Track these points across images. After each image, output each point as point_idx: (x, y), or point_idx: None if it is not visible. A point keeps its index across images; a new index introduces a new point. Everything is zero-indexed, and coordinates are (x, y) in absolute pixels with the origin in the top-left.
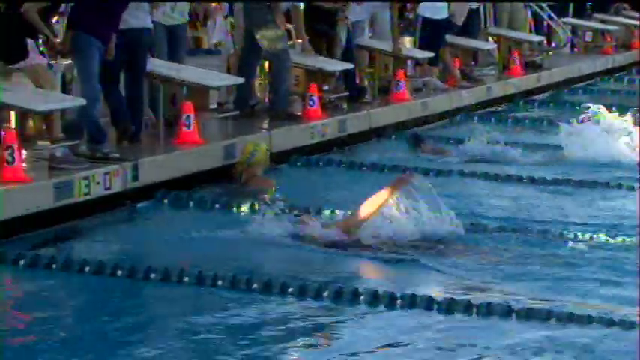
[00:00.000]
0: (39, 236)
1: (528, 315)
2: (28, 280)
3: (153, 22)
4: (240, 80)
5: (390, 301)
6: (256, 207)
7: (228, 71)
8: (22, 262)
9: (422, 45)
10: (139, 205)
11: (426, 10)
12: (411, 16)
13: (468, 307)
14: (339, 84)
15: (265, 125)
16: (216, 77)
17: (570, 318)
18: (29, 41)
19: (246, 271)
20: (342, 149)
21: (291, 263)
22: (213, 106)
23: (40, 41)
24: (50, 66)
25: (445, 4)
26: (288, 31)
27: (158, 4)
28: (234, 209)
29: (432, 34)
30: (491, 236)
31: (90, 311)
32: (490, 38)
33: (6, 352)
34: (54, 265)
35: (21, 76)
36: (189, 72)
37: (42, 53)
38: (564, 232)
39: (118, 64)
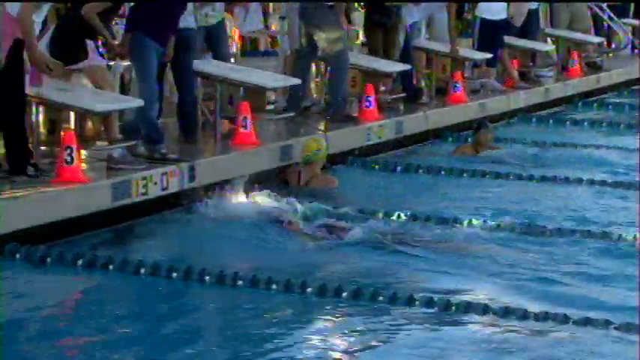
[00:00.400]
0: (97, 236)
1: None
2: (85, 281)
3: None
4: (297, 81)
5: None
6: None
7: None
8: (79, 263)
9: (480, 46)
10: (195, 205)
11: (485, 11)
12: (469, 17)
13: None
14: (396, 85)
15: (321, 126)
16: (272, 78)
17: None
18: (88, 42)
19: (300, 275)
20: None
21: (342, 266)
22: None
23: (99, 43)
24: (109, 67)
25: (504, 5)
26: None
27: (202, 3)
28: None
29: (490, 35)
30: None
31: (145, 312)
32: (549, 39)
33: (62, 352)
34: (110, 266)
35: (80, 77)
36: (246, 73)
37: (101, 54)
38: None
39: (159, 65)
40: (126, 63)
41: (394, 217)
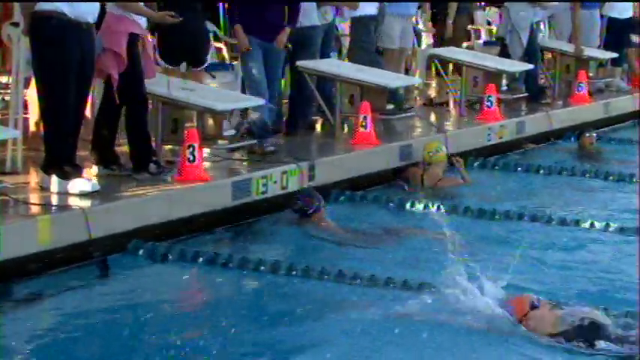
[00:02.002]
0: (218, 234)
1: None
2: (205, 278)
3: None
4: (417, 80)
5: None
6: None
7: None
8: (200, 260)
9: (606, 45)
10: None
11: (612, 10)
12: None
13: None
14: (519, 85)
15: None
16: (393, 78)
17: None
18: None
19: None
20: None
21: None
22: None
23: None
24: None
25: (631, 3)
26: None
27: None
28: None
29: (616, 34)
30: None
31: (265, 311)
32: None
33: (180, 347)
34: (230, 264)
35: (202, 76)
36: (367, 72)
37: None
38: None
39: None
40: None
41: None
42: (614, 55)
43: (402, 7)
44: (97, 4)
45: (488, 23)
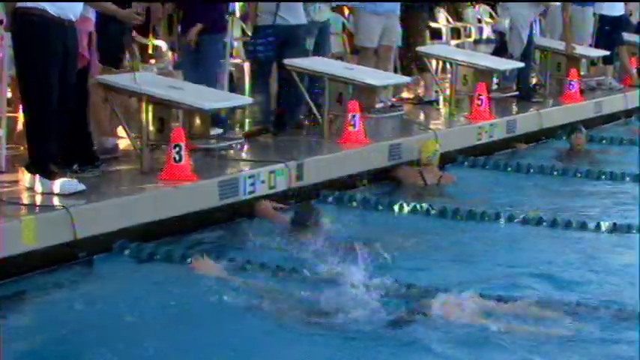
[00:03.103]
0: (204, 234)
1: None
2: (191, 279)
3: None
4: (406, 79)
5: None
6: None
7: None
8: (188, 260)
9: (597, 43)
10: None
11: (603, 7)
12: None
13: None
14: (508, 83)
15: (431, 125)
16: (382, 76)
17: None
18: None
19: None
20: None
21: None
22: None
23: None
24: None
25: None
26: None
27: None
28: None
29: (607, 31)
30: None
31: (252, 311)
32: None
33: (165, 346)
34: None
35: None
36: (357, 71)
37: None
38: None
39: (270, 60)
40: (235, 60)
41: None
42: (606, 53)
43: (382, 4)
44: (80, 3)
45: (479, 21)
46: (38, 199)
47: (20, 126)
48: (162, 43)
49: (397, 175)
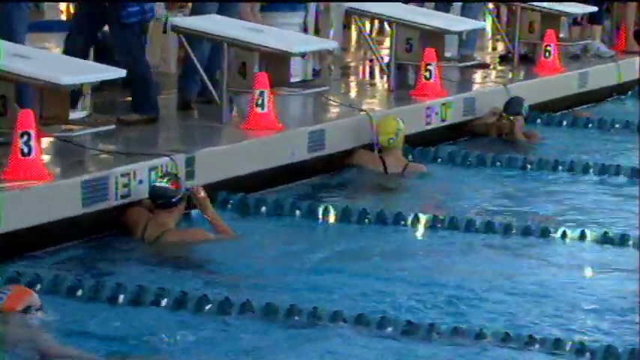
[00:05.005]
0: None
1: None
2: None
3: None
4: (334, 44)
5: None
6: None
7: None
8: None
9: None
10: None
11: None
12: None
13: None
14: (467, 50)
15: (364, 104)
16: (300, 41)
17: None
18: None
19: None
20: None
21: None
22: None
23: None
24: None
25: None
26: None
27: None
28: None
29: None
30: None
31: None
32: None
33: None
34: (79, 291)
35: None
36: (265, 33)
37: None
38: None
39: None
40: None
41: None
42: (593, 8)
43: None
44: None
45: None
46: None
47: None
48: None
49: (354, 160)
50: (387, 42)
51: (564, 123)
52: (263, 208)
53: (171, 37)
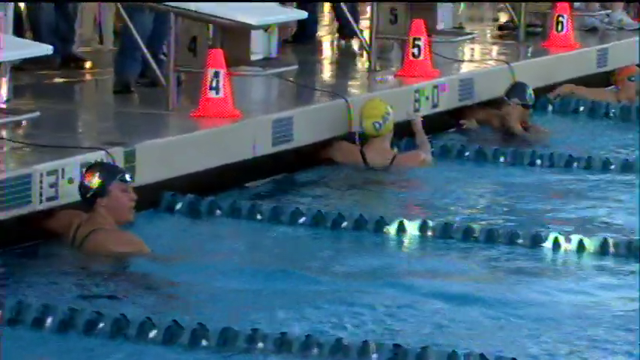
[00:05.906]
0: None
1: None
2: None
3: None
4: (303, 14)
5: None
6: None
7: None
8: None
9: None
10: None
11: None
12: None
13: None
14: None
15: (340, 90)
16: (262, 10)
17: None
18: None
19: None
20: None
21: None
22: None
23: None
24: None
25: None
26: None
27: None
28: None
29: None
30: None
31: None
32: None
33: None
34: None
35: None
36: (222, 2)
37: None
38: None
39: None
40: None
41: None
42: None
43: None
44: None
45: None
46: None
47: None
48: None
49: (329, 154)
50: (367, 12)
51: (581, 109)
52: (217, 212)
53: (106, 6)
